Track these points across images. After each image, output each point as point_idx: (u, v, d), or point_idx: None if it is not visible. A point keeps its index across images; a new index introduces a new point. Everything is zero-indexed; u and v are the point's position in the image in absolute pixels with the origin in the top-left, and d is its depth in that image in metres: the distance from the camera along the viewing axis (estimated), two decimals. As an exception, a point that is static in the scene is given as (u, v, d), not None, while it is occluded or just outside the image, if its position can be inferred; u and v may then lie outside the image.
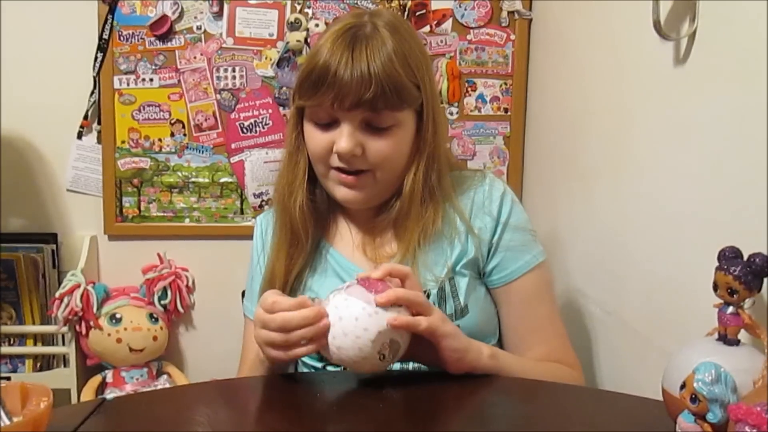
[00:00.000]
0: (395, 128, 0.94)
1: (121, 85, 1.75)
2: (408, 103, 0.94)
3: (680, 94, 0.95)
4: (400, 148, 0.96)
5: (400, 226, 0.99)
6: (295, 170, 1.02)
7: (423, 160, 0.98)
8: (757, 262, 0.64)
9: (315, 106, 0.94)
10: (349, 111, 0.91)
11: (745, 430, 0.50)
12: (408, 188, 0.98)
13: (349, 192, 0.97)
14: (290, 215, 1.00)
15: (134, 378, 1.70)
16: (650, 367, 1.01)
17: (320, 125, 0.95)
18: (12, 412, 0.64)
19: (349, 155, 0.93)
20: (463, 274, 0.98)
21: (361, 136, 0.93)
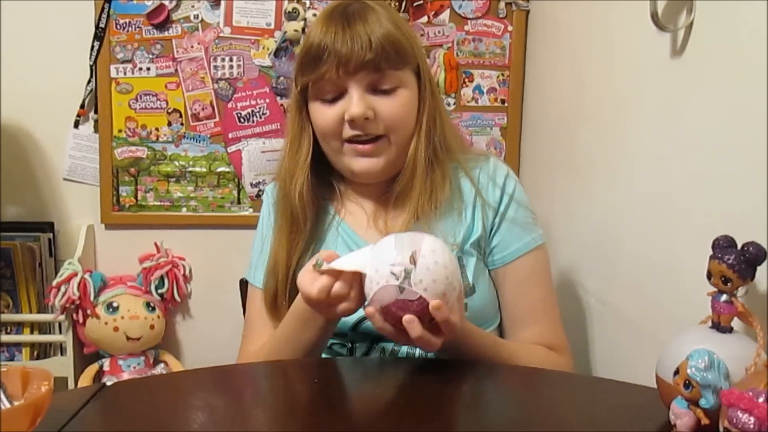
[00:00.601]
0: (400, 88, 0.97)
1: (117, 74, 1.74)
2: (406, 61, 0.97)
3: (677, 86, 0.96)
4: (407, 107, 0.98)
5: (409, 193, 1.00)
6: (297, 155, 1.02)
7: (424, 120, 1.00)
8: (750, 251, 0.65)
9: (319, 80, 0.95)
10: (355, 75, 0.93)
11: (737, 414, 0.51)
12: (413, 150, 0.99)
13: (367, 161, 0.98)
14: (290, 200, 1.01)
15: (131, 366, 1.70)
16: (644, 355, 1.02)
17: (327, 100, 0.97)
18: (13, 396, 0.64)
19: (362, 118, 0.94)
20: (471, 253, 0.99)
21: (370, 99, 0.95)
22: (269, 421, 0.71)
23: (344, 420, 0.66)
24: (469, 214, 1.01)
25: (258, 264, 1.08)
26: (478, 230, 1.00)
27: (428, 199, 0.99)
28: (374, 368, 0.87)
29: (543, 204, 1.48)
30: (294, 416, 0.69)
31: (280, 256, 1.02)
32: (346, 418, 0.69)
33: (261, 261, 1.07)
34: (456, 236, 0.99)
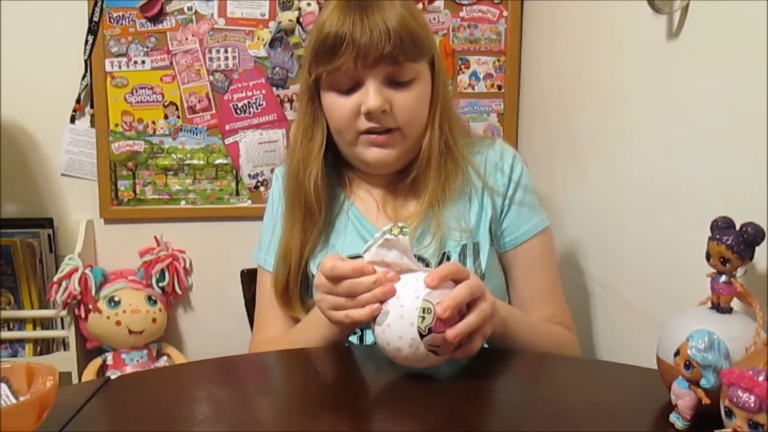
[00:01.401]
0: (416, 81, 0.96)
1: (112, 68, 1.74)
2: (424, 53, 0.96)
3: (673, 68, 0.96)
4: (423, 100, 0.98)
5: (421, 183, 1.00)
6: (310, 144, 1.01)
7: (438, 112, 0.99)
8: (749, 231, 0.65)
9: (336, 71, 0.93)
10: (373, 68, 0.92)
11: (738, 393, 0.51)
12: (426, 141, 0.99)
13: (381, 152, 0.97)
14: (305, 190, 1.00)
15: (134, 360, 1.71)
16: (644, 337, 1.03)
17: (342, 91, 0.95)
18: (18, 391, 0.65)
19: (378, 111, 0.93)
20: (484, 239, 1.00)
21: (386, 92, 0.94)
22: (275, 412, 0.72)
23: (349, 408, 0.67)
24: (479, 198, 1.01)
25: (269, 248, 1.08)
26: (489, 213, 1.01)
27: (442, 189, 0.99)
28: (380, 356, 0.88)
29: (541, 189, 1.47)
30: (300, 406, 0.69)
31: (293, 245, 1.02)
32: (351, 406, 0.70)
33: (272, 245, 1.07)
34: (467, 221, 1.00)
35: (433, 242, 0.96)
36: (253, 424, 0.64)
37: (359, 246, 1.00)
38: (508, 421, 0.67)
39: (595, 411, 0.70)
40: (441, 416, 0.69)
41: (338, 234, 1.04)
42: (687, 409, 0.62)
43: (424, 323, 0.72)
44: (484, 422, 0.66)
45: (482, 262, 0.99)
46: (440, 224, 0.97)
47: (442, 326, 0.72)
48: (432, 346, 0.72)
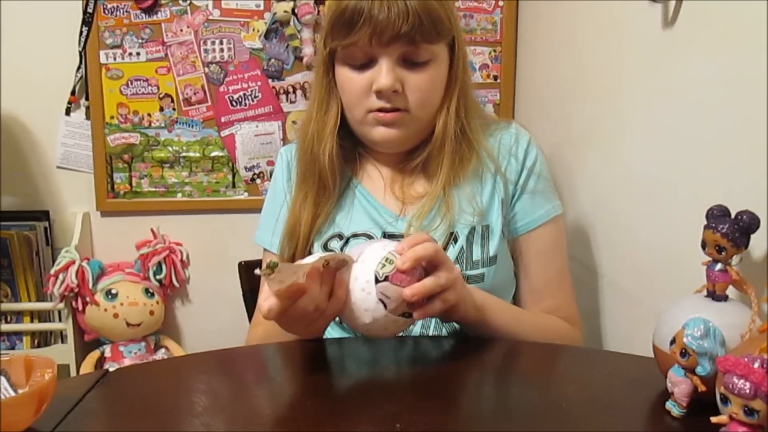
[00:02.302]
0: (432, 63, 0.94)
1: (107, 60, 1.73)
2: (443, 35, 0.94)
3: (669, 56, 0.96)
4: (436, 83, 0.96)
5: (432, 165, 0.99)
6: (325, 117, 1.00)
7: (455, 96, 0.98)
8: (744, 219, 0.65)
9: (351, 46, 0.92)
10: (388, 46, 0.90)
11: (733, 380, 0.52)
12: (441, 125, 0.97)
13: (388, 131, 0.96)
14: (319, 164, 0.99)
15: (132, 352, 1.71)
16: (641, 326, 1.03)
17: (355, 66, 0.94)
18: (17, 384, 0.65)
19: (389, 91, 0.92)
20: (495, 222, 0.99)
21: (400, 72, 0.92)
22: (273, 403, 0.72)
23: (347, 399, 0.67)
24: (492, 181, 1.00)
25: (275, 230, 1.06)
26: (501, 196, 0.99)
27: (455, 172, 0.98)
28: (376, 348, 0.88)
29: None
30: (298, 398, 0.69)
31: (303, 219, 1.00)
32: (349, 397, 0.70)
33: (279, 226, 1.05)
34: (480, 202, 0.98)
35: (441, 224, 0.96)
36: (252, 416, 0.64)
37: (365, 224, 1.01)
38: (504, 410, 0.68)
39: (593, 399, 0.70)
40: (436, 407, 0.69)
41: (345, 212, 1.03)
42: (683, 397, 0.63)
43: (383, 270, 0.74)
44: (480, 412, 0.67)
45: (491, 246, 0.97)
46: (450, 207, 0.96)
47: (398, 279, 0.74)
48: (384, 296, 0.74)
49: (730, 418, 0.53)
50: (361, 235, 1.00)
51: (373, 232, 1.00)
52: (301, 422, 0.66)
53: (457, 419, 0.65)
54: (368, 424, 0.66)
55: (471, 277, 0.95)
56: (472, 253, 0.96)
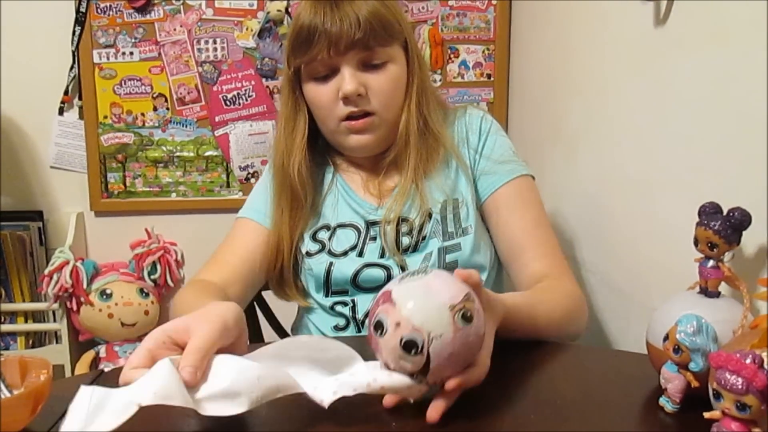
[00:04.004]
0: (389, 64, 1.00)
1: (101, 60, 1.73)
2: (394, 37, 1.00)
3: (661, 55, 0.96)
4: (397, 82, 1.01)
5: (401, 160, 1.04)
6: (293, 133, 1.05)
7: (414, 93, 1.03)
8: (736, 216, 0.66)
9: (312, 61, 0.98)
10: (345, 54, 0.97)
11: (725, 376, 0.52)
12: (404, 121, 1.03)
13: (361, 138, 1.02)
14: (290, 178, 1.04)
15: (127, 352, 1.71)
16: (634, 323, 1.04)
17: (320, 79, 1.00)
18: (12, 385, 0.65)
19: (354, 95, 0.97)
20: (466, 193, 1.03)
21: (361, 76, 0.98)
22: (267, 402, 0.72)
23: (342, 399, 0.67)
24: (455, 162, 1.05)
25: (266, 211, 1.08)
26: (465, 170, 1.04)
27: (425, 163, 1.03)
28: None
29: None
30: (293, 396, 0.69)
31: (283, 233, 1.05)
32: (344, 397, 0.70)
33: (268, 208, 1.08)
34: (449, 187, 1.03)
35: (418, 217, 1.01)
36: (246, 414, 0.64)
37: (349, 215, 1.06)
38: (498, 407, 0.68)
39: (586, 396, 0.71)
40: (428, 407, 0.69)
41: (330, 205, 1.08)
42: (676, 393, 0.63)
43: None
44: (473, 411, 0.67)
45: (463, 217, 1.02)
46: (425, 199, 1.02)
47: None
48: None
49: (723, 414, 0.54)
50: (347, 225, 1.06)
51: (357, 221, 1.06)
52: (297, 420, 0.66)
53: (452, 417, 0.65)
54: (363, 423, 0.66)
55: (448, 248, 1.00)
56: (447, 226, 1.01)
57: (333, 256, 1.04)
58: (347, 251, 1.04)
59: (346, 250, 1.04)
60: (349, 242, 1.04)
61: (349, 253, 1.03)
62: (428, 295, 0.62)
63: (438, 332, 0.60)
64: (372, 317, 0.64)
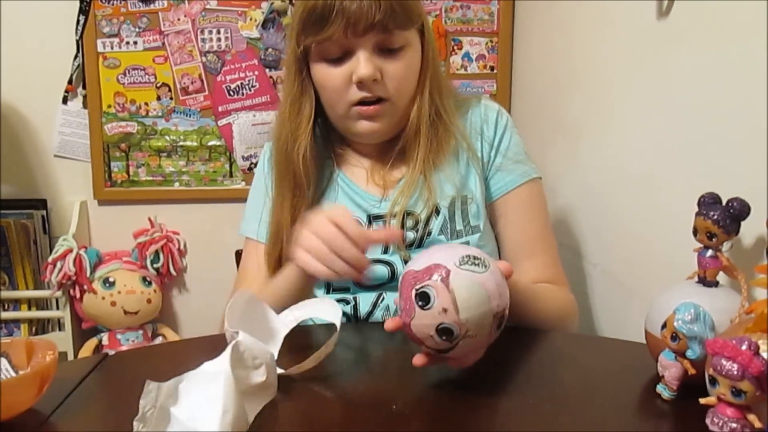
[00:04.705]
0: (406, 49, 0.95)
1: (104, 49, 1.73)
2: (414, 20, 0.95)
3: (663, 47, 0.96)
4: (412, 68, 0.97)
5: (409, 150, 1.00)
6: (298, 117, 1.00)
7: (428, 80, 0.99)
8: (735, 206, 0.66)
9: (325, 40, 0.92)
10: (363, 36, 0.91)
11: (721, 362, 0.53)
12: (416, 109, 0.99)
13: (371, 124, 0.97)
14: (293, 165, 1.00)
15: (130, 340, 1.72)
16: (633, 313, 1.05)
17: (332, 61, 0.95)
18: (18, 366, 0.66)
19: (370, 80, 0.93)
20: (475, 190, 1.00)
21: (377, 61, 0.93)
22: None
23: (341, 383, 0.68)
24: (466, 155, 1.02)
25: (261, 220, 1.07)
26: (476, 167, 1.01)
27: (435, 155, 0.99)
28: (371, 332, 0.89)
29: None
30: (293, 381, 0.70)
31: (284, 220, 1.01)
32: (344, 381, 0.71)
33: (264, 217, 1.07)
34: (458, 180, 1.00)
35: (424, 210, 0.98)
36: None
37: (351, 210, 1.01)
38: (498, 394, 0.69)
39: (584, 383, 0.72)
40: (430, 389, 0.70)
41: (329, 201, 1.04)
42: (673, 380, 0.64)
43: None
44: (474, 397, 0.68)
45: (472, 215, 0.99)
46: (432, 191, 0.98)
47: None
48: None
49: (719, 399, 0.55)
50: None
51: (359, 215, 1.02)
52: (296, 404, 0.67)
53: (451, 402, 0.66)
54: (364, 407, 0.67)
55: None
56: (455, 223, 0.99)
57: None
58: None
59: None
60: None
61: None
62: (482, 297, 0.63)
63: (474, 333, 0.63)
64: (417, 282, 0.64)
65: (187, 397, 0.58)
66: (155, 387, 0.57)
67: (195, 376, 0.60)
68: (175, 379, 0.59)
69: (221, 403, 0.56)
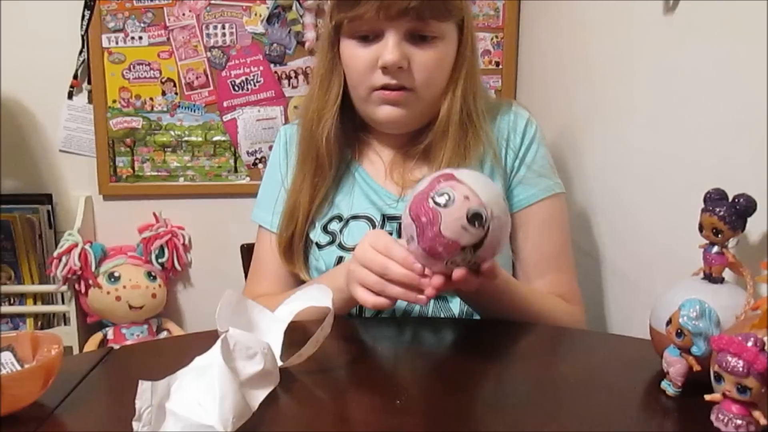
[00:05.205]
0: (440, 40, 0.92)
1: (109, 44, 1.73)
2: (453, 13, 0.92)
3: (669, 43, 0.96)
4: (443, 62, 0.94)
5: (435, 150, 0.97)
6: (327, 95, 0.97)
7: (461, 79, 0.95)
8: (741, 202, 0.66)
9: (357, 18, 0.89)
10: (395, 20, 0.88)
11: (727, 358, 0.53)
12: (446, 108, 0.95)
13: (392, 110, 0.94)
14: (317, 144, 0.97)
15: (134, 335, 1.73)
16: (638, 309, 1.05)
17: (361, 39, 0.92)
18: (23, 359, 0.66)
19: (395, 67, 0.90)
20: None
21: (406, 48, 0.90)
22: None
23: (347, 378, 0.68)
24: (491, 161, 0.99)
25: (275, 210, 1.05)
26: (500, 174, 0.98)
27: (462, 159, 0.95)
28: (376, 328, 0.89)
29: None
30: (297, 375, 0.70)
31: (302, 200, 1.00)
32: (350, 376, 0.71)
33: (278, 205, 1.04)
34: None
35: None
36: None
37: (365, 206, 1.00)
38: (502, 390, 0.69)
39: (589, 379, 0.71)
40: (435, 385, 0.70)
41: (344, 194, 1.02)
42: (678, 376, 0.64)
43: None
44: (477, 391, 0.68)
45: None
46: None
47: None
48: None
49: (724, 396, 0.55)
50: (361, 217, 1.00)
51: (372, 214, 1.00)
52: (301, 398, 0.67)
53: (455, 397, 0.66)
54: (368, 401, 0.67)
55: None
56: None
57: (343, 249, 0.98)
58: None
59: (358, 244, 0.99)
60: (362, 236, 0.97)
61: None
62: (489, 182, 0.71)
63: (497, 213, 0.68)
64: (430, 191, 0.68)
65: (182, 393, 0.58)
66: (149, 386, 0.57)
67: (187, 373, 0.60)
68: (167, 378, 0.59)
69: (218, 391, 0.56)
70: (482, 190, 0.68)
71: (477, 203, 0.66)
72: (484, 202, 0.67)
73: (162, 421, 0.56)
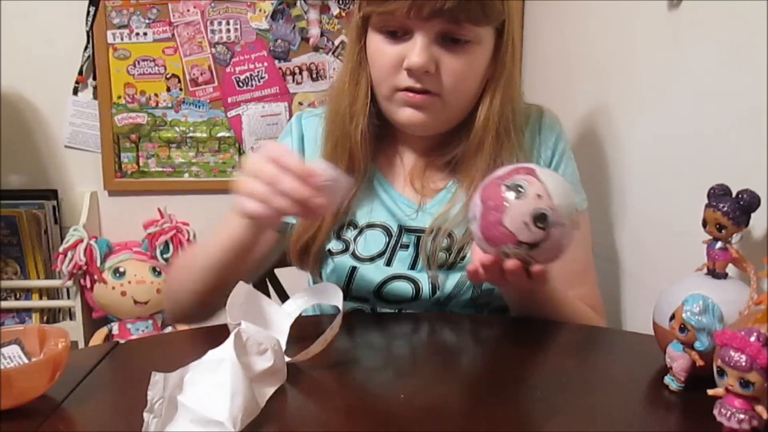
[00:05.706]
0: (473, 45, 0.84)
1: (114, 40, 1.74)
2: (491, 18, 0.84)
3: (674, 38, 0.96)
4: (475, 69, 0.87)
5: (466, 162, 0.90)
6: (356, 89, 0.91)
7: (500, 88, 0.89)
8: (744, 198, 0.66)
9: (386, 14, 0.83)
10: (427, 21, 0.81)
11: (730, 353, 0.53)
12: (482, 119, 0.89)
13: (414, 113, 0.87)
14: (351, 143, 0.90)
15: (140, 330, 1.74)
16: (642, 305, 1.05)
17: (389, 35, 0.85)
18: (31, 353, 0.66)
19: (421, 71, 0.83)
20: None
21: (435, 51, 0.83)
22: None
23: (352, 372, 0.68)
24: None
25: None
26: None
27: (487, 170, 0.84)
28: (381, 322, 0.89)
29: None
30: (303, 368, 0.71)
31: None
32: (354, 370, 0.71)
33: None
34: None
35: (464, 235, 0.89)
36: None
37: (383, 216, 0.94)
38: (505, 384, 0.69)
39: (593, 374, 0.72)
40: (439, 379, 0.70)
41: (360, 201, 0.94)
42: (681, 371, 0.64)
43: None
44: (481, 387, 0.68)
45: None
46: None
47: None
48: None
49: (726, 391, 0.55)
50: (377, 226, 0.94)
51: (390, 224, 0.94)
52: (306, 391, 0.67)
53: (459, 391, 0.66)
54: (371, 395, 0.67)
55: None
56: None
57: (357, 259, 0.92)
58: (374, 257, 0.91)
59: (372, 255, 0.91)
60: (378, 247, 0.92)
61: (376, 260, 0.91)
62: (567, 188, 0.70)
63: (564, 221, 0.67)
64: (506, 178, 0.68)
65: (194, 387, 0.58)
66: (161, 378, 0.57)
67: (200, 365, 0.60)
68: (180, 370, 0.59)
69: (229, 387, 0.57)
70: (557, 193, 0.67)
71: (547, 204, 0.66)
72: (555, 205, 0.66)
73: (173, 413, 0.56)
